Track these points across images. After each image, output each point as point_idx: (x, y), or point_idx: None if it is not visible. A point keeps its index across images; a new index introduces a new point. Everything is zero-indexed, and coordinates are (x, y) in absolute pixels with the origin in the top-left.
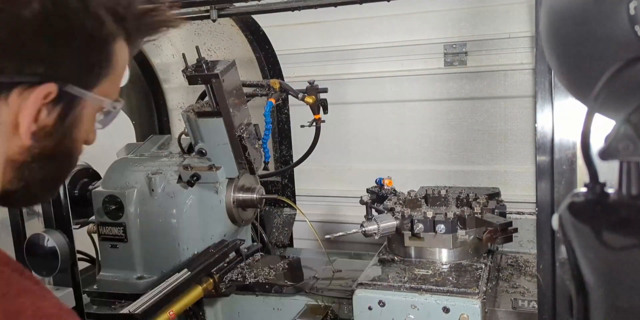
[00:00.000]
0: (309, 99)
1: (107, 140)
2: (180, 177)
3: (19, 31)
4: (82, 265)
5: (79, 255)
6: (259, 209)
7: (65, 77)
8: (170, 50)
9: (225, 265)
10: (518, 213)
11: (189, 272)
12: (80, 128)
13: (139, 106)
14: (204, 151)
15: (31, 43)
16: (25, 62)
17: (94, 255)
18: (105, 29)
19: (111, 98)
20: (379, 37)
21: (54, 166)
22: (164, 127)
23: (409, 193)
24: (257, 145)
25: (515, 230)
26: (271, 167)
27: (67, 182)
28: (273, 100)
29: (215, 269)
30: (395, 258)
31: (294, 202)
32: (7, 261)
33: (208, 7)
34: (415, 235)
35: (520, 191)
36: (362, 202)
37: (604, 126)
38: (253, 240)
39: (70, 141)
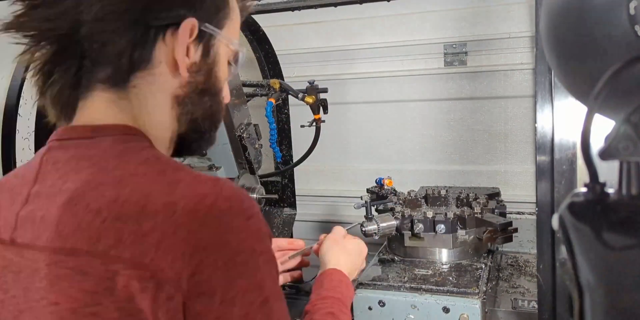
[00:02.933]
0: (309, 99)
1: None
2: None
3: None
4: None
5: None
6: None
7: (200, 17)
8: None
9: None
10: (518, 213)
11: None
12: (220, 67)
13: None
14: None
15: None
16: (170, 7)
17: None
18: None
19: (236, 43)
20: (379, 37)
21: (208, 101)
22: None
23: (409, 193)
24: (257, 145)
25: (516, 230)
26: (271, 167)
27: None
28: (273, 100)
29: None
30: (395, 258)
31: (294, 202)
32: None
33: None
34: (415, 235)
35: (520, 191)
36: (356, 207)
37: (604, 126)
38: None
39: (216, 78)
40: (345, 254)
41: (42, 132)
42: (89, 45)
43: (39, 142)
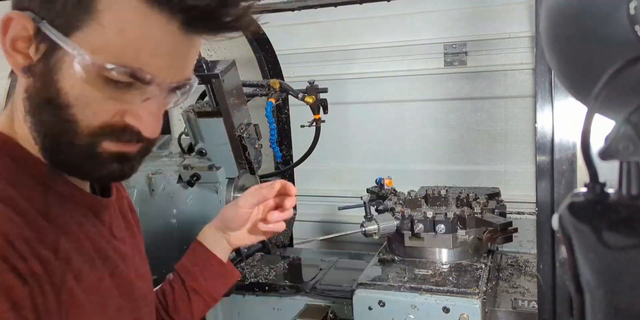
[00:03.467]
0: (309, 99)
1: None
2: (180, 177)
3: None
4: None
5: None
6: None
7: (42, 14)
8: None
9: None
10: (518, 213)
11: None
12: (63, 78)
13: None
14: (204, 151)
15: None
16: None
17: None
18: None
19: (104, 56)
20: (379, 37)
21: (51, 115)
22: (164, 127)
23: (409, 193)
24: (257, 145)
25: (515, 230)
26: (271, 167)
27: None
28: (273, 100)
29: None
30: (395, 258)
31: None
32: None
33: None
34: (415, 235)
35: (520, 191)
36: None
37: (604, 126)
38: None
39: (57, 90)
40: None
41: None
42: None
43: None
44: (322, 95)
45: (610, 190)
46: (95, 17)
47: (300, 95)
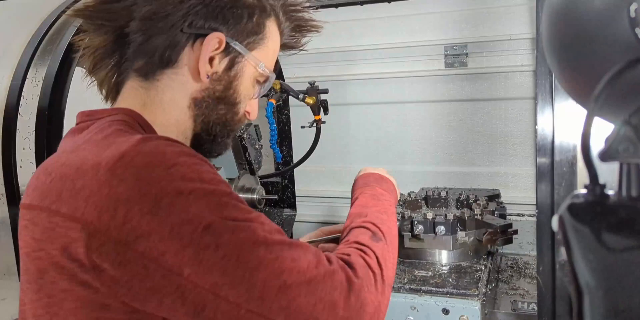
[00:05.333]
0: (310, 100)
1: None
2: None
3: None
4: None
5: None
6: (259, 210)
7: (231, 34)
8: None
9: None
10: (518, 215)
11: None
12: (242, 82)
13: None
14: None
15: (212, 7)
16: (204, 19)
17: None
18: (262, 3)
19: (267, 66)
20: (380, 39)
21: (223, 109)
22: None
23: (409, 194)
24: (257, 146)
25: (515, 232)
26: (272, 167)
27: None
28: (273, 101)
29: None
30: None
31: (294, 203)
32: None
33: None
34: (415, 237)
35: (520, 193)
36: None
37: (604, 128)
38: None
39: (234, 91)
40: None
41: (42, 132)
42: (134, 38)
43: (39, 142)
44: (322, 96)
45: (610, 192)
46: (264, 41)
47: (300, 96)
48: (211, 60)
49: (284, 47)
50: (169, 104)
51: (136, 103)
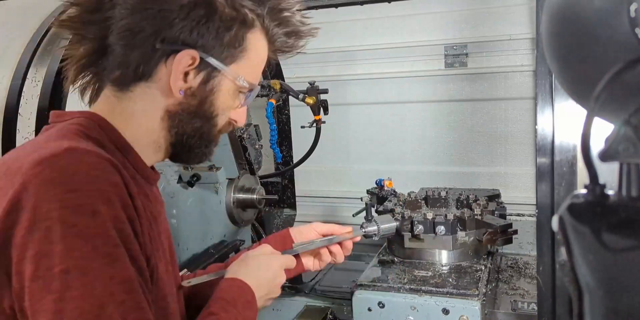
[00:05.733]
0: (310, 100)
1: None
2: (180, 178)
3: (177, 15)
4: None
5: None
6: (259, 210)
7: (206, 50)
8: None
9: None
10: (518, 215)
11: (189, 273)
12: (219, 96)
13: None
14: None
15: (187, 23)
16: (177, 36)
17: None
18: (242, 16)
19: (247, 79)
20: (380, 39)
21: (198, 123)
22: None
23: (409, 194)
24: (257, 146)
25: (515, 232)
26: (272, 167)
27: None
28: (273, 101)
29: None
30: (395, 259)
31: (294, 203)
32: None
33: None
34: (415, 237)
35: (520, 193)
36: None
37: (604, 128)
38: (253, 241)
39: (210, 105)
40: (245, 266)
41: None
42: (113, 50)
43: None
44: (322, 96)
45: (610, 192)
46: (245, 54)
47: (300, 96)
48: (186, 75)
49: (279, 51)
50: (141, 114)
51: (106, 109)
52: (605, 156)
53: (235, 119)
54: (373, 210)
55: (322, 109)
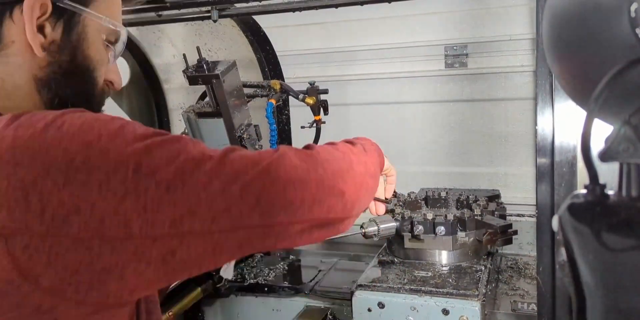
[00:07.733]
0: (310, 100)
1: None
2: None
3: None
4: None
5: None
6: None
7: None
8: (171, 51)
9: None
10: (518, 215)
11: None
12: (89, 45)
13: (139, 106)
14: None
15: None
16: None
17: None
18: None
19: (113, 20)
20: (380, 39)
21: (79, 82)
22: (165, 128)
23: (409, 195)
24: (257, 146)
25: (515, 232)
26: None
27: None
28: (273, 101)
29: (214, 269)
30: (395, 260)
31: None
32: None
33: (209, 8)
34: (415, 237)
35: (520, 193)
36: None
37: (604, 128)
38: None
39: (83, 57)
40: None
41: None
42: None
43: None
44: (322, 97)
45: (610, 192)
46: None
47: (300, 96)
48: (42, 28)
49: None
50: (14, 94)
51: None
52: (605, 156)
53: (111, 80)
54: None
55: (322, 109)
